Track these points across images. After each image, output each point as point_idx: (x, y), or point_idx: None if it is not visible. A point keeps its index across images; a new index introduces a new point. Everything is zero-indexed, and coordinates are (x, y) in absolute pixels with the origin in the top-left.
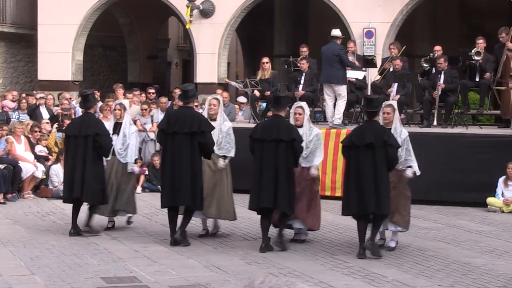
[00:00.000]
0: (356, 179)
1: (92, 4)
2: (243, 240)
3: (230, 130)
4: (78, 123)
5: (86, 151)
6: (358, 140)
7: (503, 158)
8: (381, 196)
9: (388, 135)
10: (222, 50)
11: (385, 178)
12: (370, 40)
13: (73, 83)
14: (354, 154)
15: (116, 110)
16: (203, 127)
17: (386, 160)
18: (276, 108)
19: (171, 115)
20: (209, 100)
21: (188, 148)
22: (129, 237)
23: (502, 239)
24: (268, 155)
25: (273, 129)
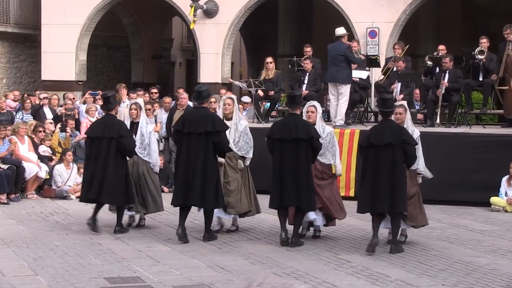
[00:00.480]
0: (373, 178)
1: (95, 4)
2: (247, 240)
3: (247, 129)
4: (101, 125)
5: (109, 153)
6: (376, 140)
7: (507, 158)
8: (397, 195)
9: (406, 133)
10: (226, 50)
11: (402, 177)
12: (374, 39)
13: (77, 83)
14: (373, 154)
15: (132, 109)
16: (218, 126)
17: (405, 158)
18: (292, 106)
19: (186, 115)
20: (223, 100)
21: (203, 148)
22: (132, 237)
23: (506, 238)
24: (288, 154)
25: (291, 128)
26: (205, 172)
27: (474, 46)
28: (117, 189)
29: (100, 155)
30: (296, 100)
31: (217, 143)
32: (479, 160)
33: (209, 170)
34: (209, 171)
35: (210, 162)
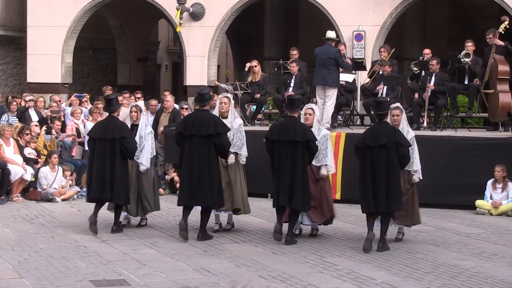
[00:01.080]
0: (371, 179)
1: (82, 6)
2: (232, 243)
3: (241, 127)
4: (104, 126)
5: (113, 154)
6: (371, 141)
7: (492, 161)
8: (391, 195)
9: (399, 135)
10: (212, 53)
11: (397, 177)
12: (360, 43)
13: (63, 85)
14: (369, 155)
15: (132, 112)
16: (219, 129)
17: (398, 159)
18: (290, 109)
19: (188, 118)
20: (220, 99)
21: (206, 150)
22: (118, 240)
23: (491, 241)
24: (285, 156)
25: (289, 130)
26: (208, 173)
27: (459, 50)
28: (121, 189)
29: (104, 156)
30: (295, 103)
31: (219, 144)
32: (464, 163)
33: (212, 170)
34: (212, 172)
35: (212, 163)
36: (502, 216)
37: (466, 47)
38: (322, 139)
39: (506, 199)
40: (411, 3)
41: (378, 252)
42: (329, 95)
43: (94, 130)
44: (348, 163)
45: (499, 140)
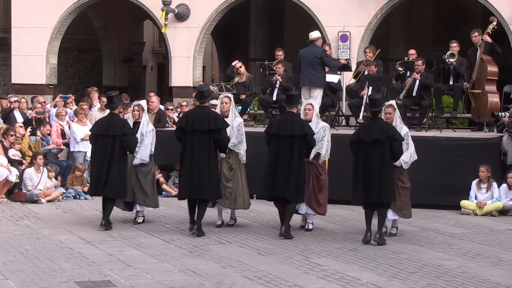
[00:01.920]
0: (364, 172)
1: (66, 7)
2: (218, 244)
3: (240, 125)
4: (105, 123)
5: (114, 150)
6: (365, 136)
7: (476, 161)
8: (386, 186)
9: (392, 130)
10: (198, 54)
11: (390, 170)
12: (345, 43)
13: (48, 86)
14: (362, 149)
15: (135, 110)
16: (219, 124)
17: (391, 152)
18: (289, 105)
19: (189, 114)
20: (221, 99)
21: (206, 144)
22: (103, 241)
23: (475, 241)
24: (283, 150)
25: (287, 125)
26: (208, 167)
27: (444, 51)
28: (117, 184)
29: (105, 152)
30: (293, 99)
31: (219, 139)
32: (449, 163)
33: (211, 165)
34: (212, 166)
35: (212, 157)
36: (486, 216)
37: (451, 47)
38: (320, 130)
39: (491, 199)
40: (396, 3)
41: (363, 253)
42: (314, 96)
43: (96, 127)
44: (333, 164)
45: (484, 140)
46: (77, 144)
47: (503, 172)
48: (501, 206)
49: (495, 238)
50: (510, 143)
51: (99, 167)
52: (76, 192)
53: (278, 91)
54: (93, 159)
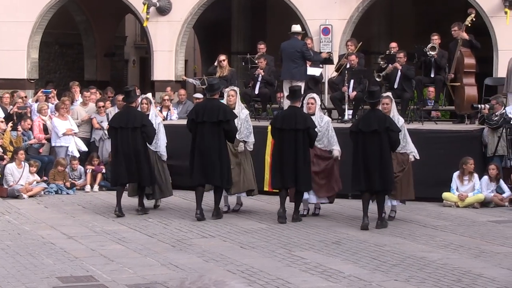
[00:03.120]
0: (363, 161)
1: (47, 2)
2: (201, 238)
3: (247, 117)
4: (124, 116)
5: (136, 141)
6: (364, 127)
7: (458, 154)
8: (384, 175)
9: (390, 121)
10: (180, 48)
11: (388, 159)
12: (327, 37)
13: (29, 81)
14: (361, 139)
15: (143, 104)
16: (228, 116)
17: (389, 143)
18: (292, 99)
19: (199, 106)
20: (227, 92)
21: (216, 135)
22: (85, 236)
23: (457, 233)
24: (288, 142)
25: (291, 119)
26: (219, 156)
27: (425, 44)
28: (147, 172)
29: (128, 144)
30: (296, 93)
31: (228, 130)
32: (431, 156)
33: (222, 154)
34: (222, 155)
35: (222, 147)
36: (468, 208)
37: (432, 40)
38: (325, 125)
39: (472, 191)
40: None
41: (346, 245)
42: None
43: (115, 120)
44: None
45: (465, 132)
46: (58, 139)
47: (484, 164)
48: (482, 198)
49: (477, 230)
50: (491, 135)
51: (127, 159)
52: (58, 187)
53: (260, 85)
54: (116, 152)
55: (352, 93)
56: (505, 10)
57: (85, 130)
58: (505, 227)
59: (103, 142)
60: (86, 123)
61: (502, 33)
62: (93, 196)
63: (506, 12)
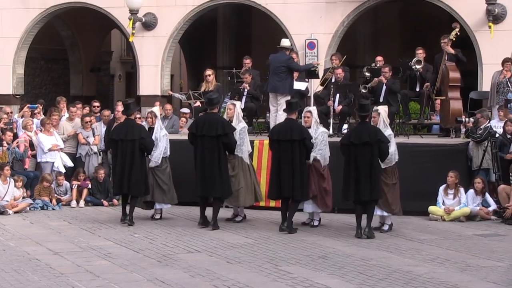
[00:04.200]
0: (354, 172)
1: (33, 17)
2: (187, 253)
3: (242, 130)
4: (124, 129)
5: (134, 152)
6: (355, 139)
7: (444, 167)
8: (374, 185)
9: (380, 133)
10: (165, 62)
11: (378, 170)
12: (312, 51)
13: (14, 96)
14: (353, 151)
15: (148, 118)
16: (227, 129)
17: (379, 154)
18: (288, 112)
19: (199, 120)
20: (227, 105)
21: (215, 148)
22: (71, 251)
23: (443, 247)
24: (285, 153)
25: (287, 131)
26: (218, 168)
27: (410, 57)
28: (139, 183)
29: (125, 155)
30: (292, 106)
31: (227, 143)
32: (416, 169)
33: (221, 166)
34: (222, 167)
35: (222, 159)
36: (454, 221)
37: (417, 54)
38: (319, 135)
39: (458, 205)
40: (362, 11)
41: (332, 260)
42: (281, 103)
43: (115, 132)
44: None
45: (450, 146)
46: (44, 154)
47: (470, 177)
48: (468, 211)
49: (463, 244)
50: (475, 149)
51: (121, 169)
52: (44, 203)
53: (246, 99)
54: (115, 162)
55: (337, 107)
56: (489, 24)
57: (71, 145)
58: (491, 240)
59: (89, 158)
60: (72, 138)
61: (486, 47)
62: (79, 211)
63: (490, 26)
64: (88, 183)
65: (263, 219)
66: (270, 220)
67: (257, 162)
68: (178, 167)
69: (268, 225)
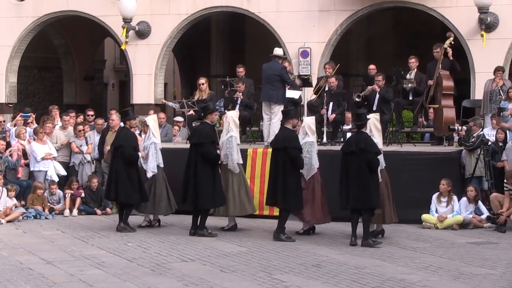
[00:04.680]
0: (346, 180)
1: (26, 26)
2: (180, 262)
3: (229, 139)
4: (115, 137)
5: (120, 160)
6: (345, 147)
7: (437, 175)
8: (365, 194)
9: (365, 142)
10: (159, 71)
11: (367, 179)
12: (306, 59)
13: (7, 105)
14: (344, 159)
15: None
16: (202, 139)
17: (366, 163)
18: (283, 120)
19: (193, 129)
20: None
21: (194, 157)
22: (64, 260)
23: (437, 255)
24: (273, 161)
25: (278, 139)
26: (194, 177)
27: (404, 66)
28: (127, 189)
29: (113, 162)
30: (284, 114)
31: (201, 153)
32: (410, 177)
33: (197, 175)
34: (197, 176)
35: (199, 169)
36: (447, 229)
37: (409, 63)
38: (304, 145)
39: (451, 213)
40: (355, 19)
41: (326, 268)
42: (274, 112)
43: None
44: None
45: (443, 154)
46: (37, 163)
47: (463, 185)
48: (461, 219)
49: (456, 252)
50: (468, 157)
51: (110, 176)
52: (37, 212)
53: (240, 108)
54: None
55: (331, 116)
56: (482, 33)
57: (64, 154)
58: (484, 248)
59: (83, 166)
60: (65, 147)
61: (479, 56)
62: (72, 220)
63: (482, 35)
64: (82, 192)
65: (256, 228)
66: (264, 229)
67: (250, 171)
68: (172, 175)
69: (262, 234)
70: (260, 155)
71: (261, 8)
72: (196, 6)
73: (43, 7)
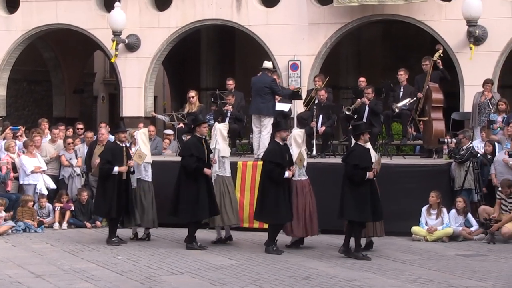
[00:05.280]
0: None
1: (15, 39)
2: (170, 274)
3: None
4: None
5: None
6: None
7: (426, 188)
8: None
9: (348, 155)
10: (149, 84)
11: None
12: (296, 72)
13: None
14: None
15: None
16: (183, 152)
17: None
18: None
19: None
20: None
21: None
22: (54, 274)
23: (426, 267)
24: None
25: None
26: (176, 189)
27: (393, 78)
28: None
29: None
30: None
31: (181, 165)
32: (399, 190)
33: (179, 187)
34: (182, 189)
35: (181, 180)
36: (437, 242)
37: (398, 75)
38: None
39: (441, 225)
40: (345, 32)
41: (316, 281)
42: (264, 124)
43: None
44: None
45: (433, 166)
46: (26, 176)
47: (452, 198)
48: (451, 231)
49: (446, 264)
50: (458, 169)
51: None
52: (26, 225)
53: (230, 120)
54: None
55: (320, 128)
56: (470, 46)
57: (54, 167)
58: (474, 260)
59: (72, 179)
60: (55, 160)
61: (468, 68)
62: (61, 233)
63: (471, 47)
64: (71, 205)
65: (246, 240)
66: (254, 242)
67: (240, 183)
68: (161, 188)
69: (252, 247)
70: (250, 168)
71: (251, 21)
72: (185, 19)
73: (32, 20)
